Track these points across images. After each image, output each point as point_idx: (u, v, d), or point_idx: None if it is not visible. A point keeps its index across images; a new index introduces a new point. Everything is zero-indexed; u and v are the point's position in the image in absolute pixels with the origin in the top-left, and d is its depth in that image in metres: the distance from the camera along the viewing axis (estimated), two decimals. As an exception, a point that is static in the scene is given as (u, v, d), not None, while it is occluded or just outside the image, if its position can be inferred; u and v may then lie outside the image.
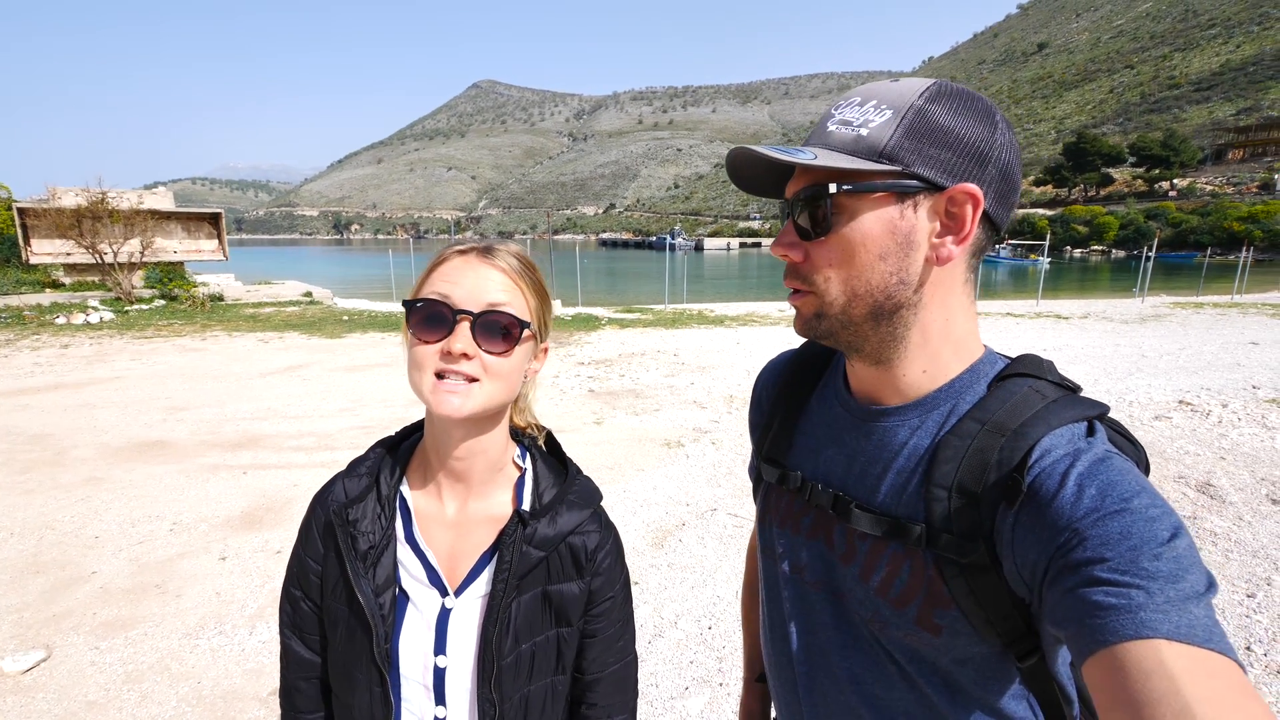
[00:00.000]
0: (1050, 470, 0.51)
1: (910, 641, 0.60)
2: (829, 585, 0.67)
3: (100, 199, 15.56)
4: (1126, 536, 0.45)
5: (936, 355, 0.61)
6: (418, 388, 0.70)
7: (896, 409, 0.63)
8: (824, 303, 0.59)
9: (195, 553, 3.41)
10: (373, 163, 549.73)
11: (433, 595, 0.74)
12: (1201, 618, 0.42)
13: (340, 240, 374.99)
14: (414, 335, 0.70)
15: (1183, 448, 4.61)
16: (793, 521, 0.71)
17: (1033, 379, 0.58)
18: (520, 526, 0.73)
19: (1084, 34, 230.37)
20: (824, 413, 0.71)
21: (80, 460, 4.81)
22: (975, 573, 0.55)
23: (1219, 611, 2.69)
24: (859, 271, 0.57)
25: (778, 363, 0.82)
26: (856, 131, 0.56)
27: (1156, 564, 0.44)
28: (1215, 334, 11.13)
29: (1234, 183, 73.94)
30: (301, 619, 0.77)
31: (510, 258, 0.73)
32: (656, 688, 2.37)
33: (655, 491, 4.22)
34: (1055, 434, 0.54)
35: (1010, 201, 0.59)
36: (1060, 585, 0.47)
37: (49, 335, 10.76)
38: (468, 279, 0.70)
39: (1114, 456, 0.52)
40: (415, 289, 0.72)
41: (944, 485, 0.57)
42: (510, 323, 0.71)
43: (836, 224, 0.57)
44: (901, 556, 0.59)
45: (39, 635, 2.68)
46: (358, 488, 0.75)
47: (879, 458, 0.63)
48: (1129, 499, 0.47)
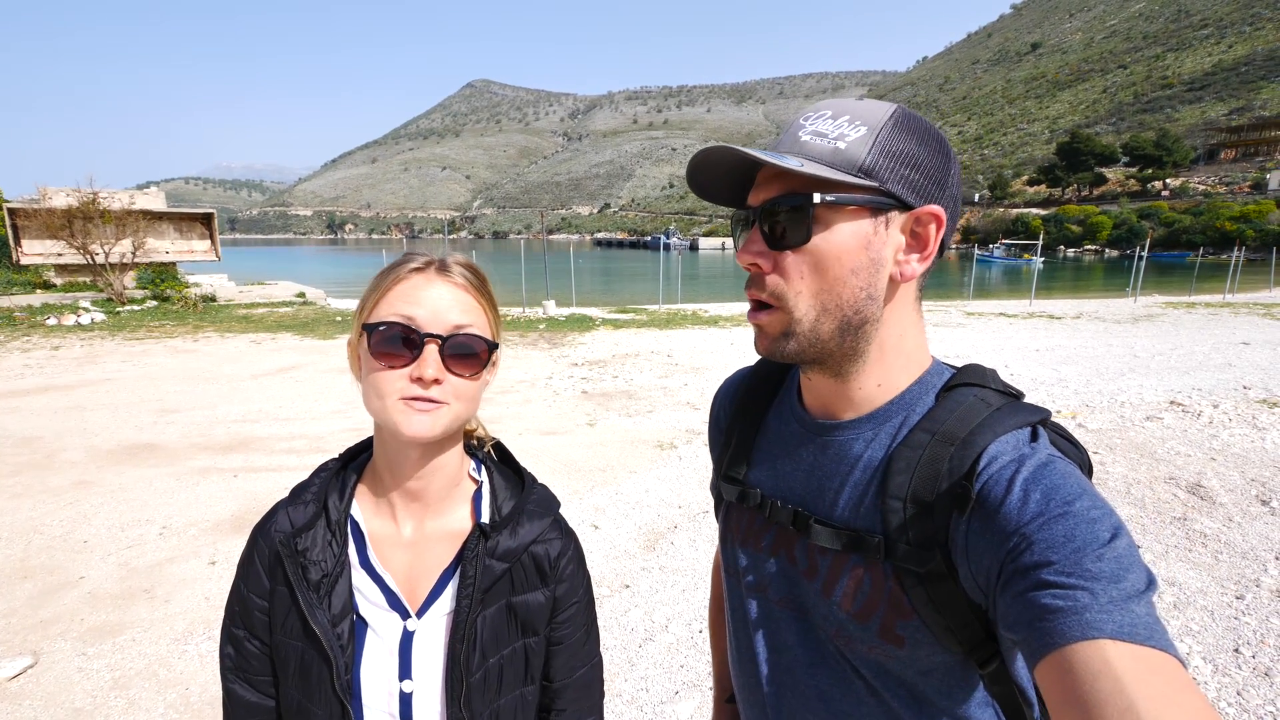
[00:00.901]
0: (997, 476, 0.53)
1: (875, 655, 0.60)
2: (793, 602, 0.67)
3: (91, 199, 15.44)
4: (1070, 539, 0.47)
5: (890, 368, 0.62)
6: (379, 412, 0.67)
7: (851, 422, 0.63)
8: (793, 319, 0.59)
9: (185, 557, 3.39)
10: (367, 162, 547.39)
11: (393, 619, 0.72)
12: (1143, 616, 0.43)
13: (334, 240, 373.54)
14: (375, 359, 0.67)
15: (1174, 448, 4.64)
16: (754, 539, 0.71)
17: (978, 388, 0.60)
18: (482, 540, 0.72)
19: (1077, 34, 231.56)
20: (780, 429, 0.71)
21: (70, 463, 4.78)
22: (933, 581, 0.56)
23: (1208, 613, 2.71)
24: (830, 285, 0.57)
25: (733, 380, 0.82)
26: (834, 144, 0.56)
27: (1099, 565, 0.45)
28: (1207, 334, 11.21)
29: (1226, 182, 74.44)
30: (246, 660, 0.73)
31: (466, 272, 0.72)
32: (647, 692, 2.36)
33: (648, 494, 4.22)
34: (1001, 440, 0.55)
35: (954, 228, 0.62)
36: (1011, 590, 0.48)
37: (39, 336, 10.68)
38: (429, 298, 0.68)
39: (1056, 460, 0.53)
40: (368, 308, 0.69)
41: (899, 496, 0.57)
42: (478, 344, 0.70)
43: (810, 236, 0.57)
44: (862, 569, 0.60)
45: (26, 641, 2.66)
46: (304, 515, 0.72)
47: (836, 471, 0.63)
48: (1071, 502, 0.49)
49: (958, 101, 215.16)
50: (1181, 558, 3.16)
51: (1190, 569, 3.05)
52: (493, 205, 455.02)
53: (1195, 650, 2.48)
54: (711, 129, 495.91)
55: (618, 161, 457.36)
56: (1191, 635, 2.57)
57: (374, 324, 0.67)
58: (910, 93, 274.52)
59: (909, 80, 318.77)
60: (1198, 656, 2.44)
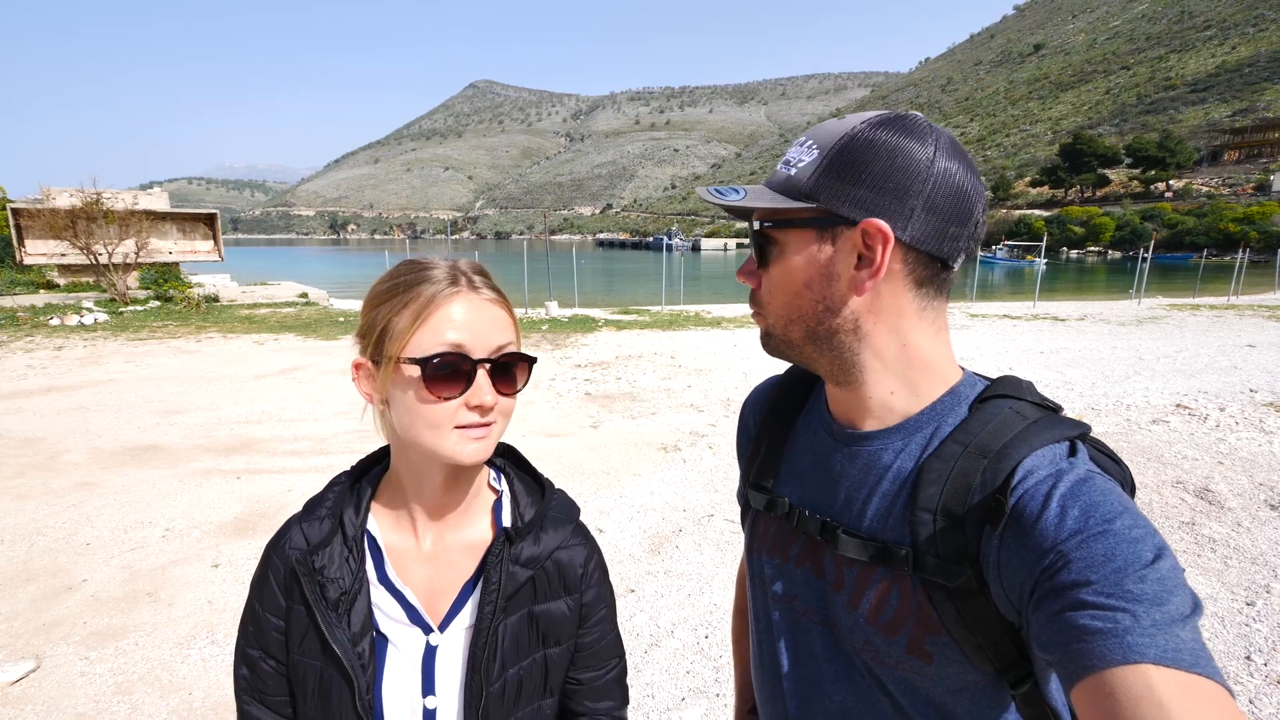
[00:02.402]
0: (1033, 492, 0.51)
1: (903, 671, 0.59)
2: (821, 614, 0.66)
3: (95, 199, 15.48)
4: (1111, 559, 0.45)
5: (903, 377, 0.61)
6: (431, 443, 0.65)
7: (880, 432, 0.63)
8: (769, 324, 0.66)
9: (188, 560, 3.38)
10: (370, 163, 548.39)
11: (415, 634, 0.70)
12: (1188, 641, 0.42)
13: (337, 240, 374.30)
14: (430, 391, 0.64)
15: (1180, 452, 4.61)
16: (781, 549, 0.71)
17: (1013, 400, 0.59)
18: (507, 545, 0.72)
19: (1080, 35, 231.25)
20: (809, 438, 0.71)
21: (73, 465, 4.77)
22: (963, 597, 0.54)
23: (1219, 620, 2.68)
24: (789, 299, 0.62)
25: (763, 388, 0.83)
26: (789, 171, 0.61)
27: (1141, 586, 0.44)
28: (1212, 336, 11.17)
29: (1230, 184, 74.23)
30: (262, 681, 0.71)
31: (492, 283, 0.71)
32: (653, 699, 2.34)
33: (652, 497, 4.20)
34: (1037, 454, 0.54)
35: (957, 232, 0.57)
36: (1046, 609, 0.47)
37: (43, 337, 10.70)
38: (471, 322, 0.66)
39: (1096, 476, 0.51)
40: (403, 335, 0.64)
41: (929, 508, 0.56)
42: (520, 360, 0.70)
43: (773, 256, 0.63)
44: (889, 582, 0.59)
45: (29, 645, 2.65)
46: (320, 532, 0.70)
47: (864, 482, 0.63)
48: (1111, 520, 0.47)
49: (960, 102, 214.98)
50: (1190, 563, 3.13)
51: (1200, 575, 3.02)
52: (495, 206, 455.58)
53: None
54: (714, 130, 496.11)
55: (620, 162, 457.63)
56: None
57: (426, 357, 0.64)
58: (913, 94, 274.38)
59: (911, 81, 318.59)
60: (1209, 665, 2.41)
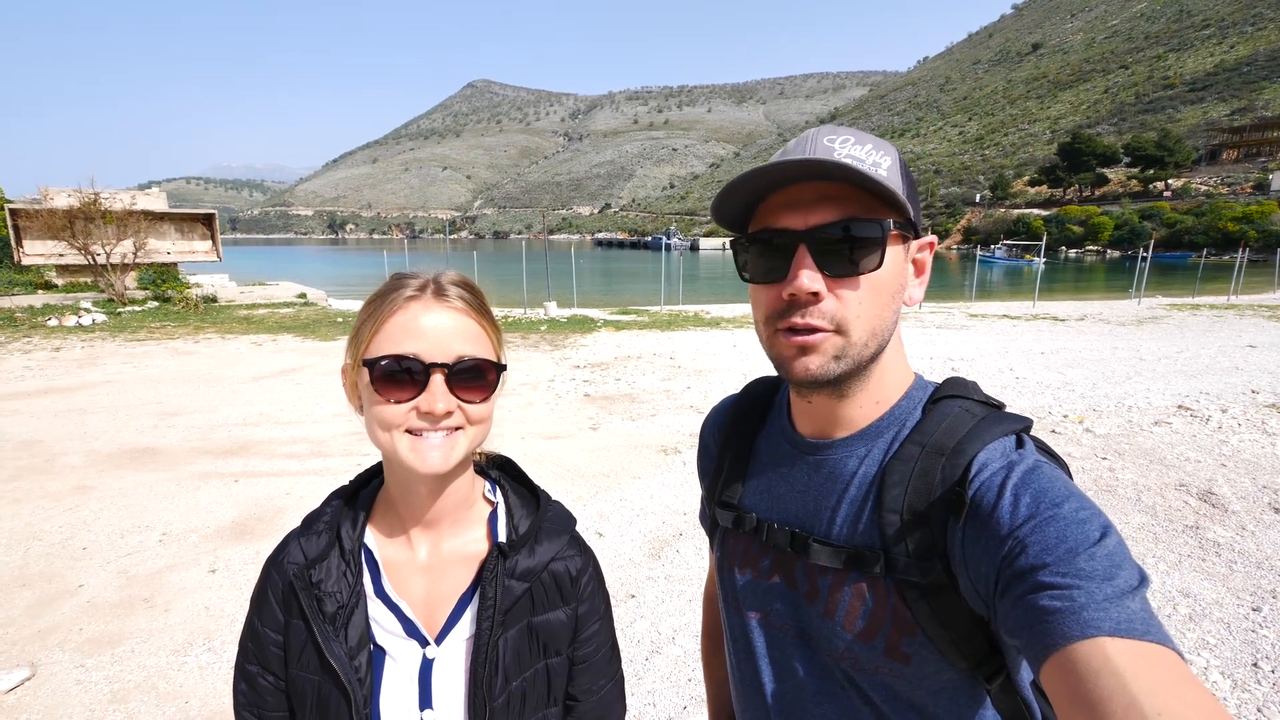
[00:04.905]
0: (989, 483, 0.54)
1: (883, 675, 0.60)
2: (796, 627, 0.66)
3: (93, 200, 15.42)
4: (1062, 540, 0.48)
5: (885, 386, 0.64)
6: (388, 447, 0.66)
7: (844, 440, 0.64)
8: (848, 343, 0.58)
9: (185, 565, 3.35)
10: (368, 162, 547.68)
11: (412, 647, 0.70)
12: (1138, 611, 0.44)
13: (335, 240, 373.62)
14: (379, 394, 0.64)
15: (1183, 454, 4.59)
16: (752, 564, 0.70)
17: (961, 399, 0.62)
18: (500, 560, 0.71)
19: (1078, 34, 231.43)
20: (771, 452, 0.71)
21: (70, 468, 4.74)
22: (936, 593, 0.57)
23: (1224, 626, 2.66)
24: (880, 311, 0.59)
25: (722, 407, 0.83)
26: (877, 171, 0.56)
27: (1092, 564, 0.46)
28: (1212, 336, 11.16)
29: (1229, 183, 74.26)
30: (261, 697, 0.71)
31: (464, 292, 0.69)
32: (654, 707, 2.32)
33: (652, 500, 4.17)
34: (989, 449, 0.57)
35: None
36: (1010, 594, 0.49)
37: (40, 338, 10.65)
38: (430, 327, 0.65)
39: (1043, 465, 0.55)
40: (365, 339, 0.66)
41: (895, 509, 0.58)
42: (486, 368, 0.68)
43: (870, 261, 0.57)
44: (863, 587, 0.60)
45: (24, 652, 2.62)
46: (317, 546, 0.70)
47: (831, 490, 0.64)
48: (1060, 504, 0.50)
49: (958, 102, 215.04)
50: (1195, 568, 3.11)
51: (1204, 579, 3.00)
52: (493, 205, 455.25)
53: (1213, 665, 2.43)
54: (712, 129, 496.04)
55: (618, 162, 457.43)
56: (1208, 649, 2.52)
57: (374, 359, 0.64)
58: (911, 93, 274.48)
59: (910, 80, 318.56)
60: (1215, 671, 2.39)
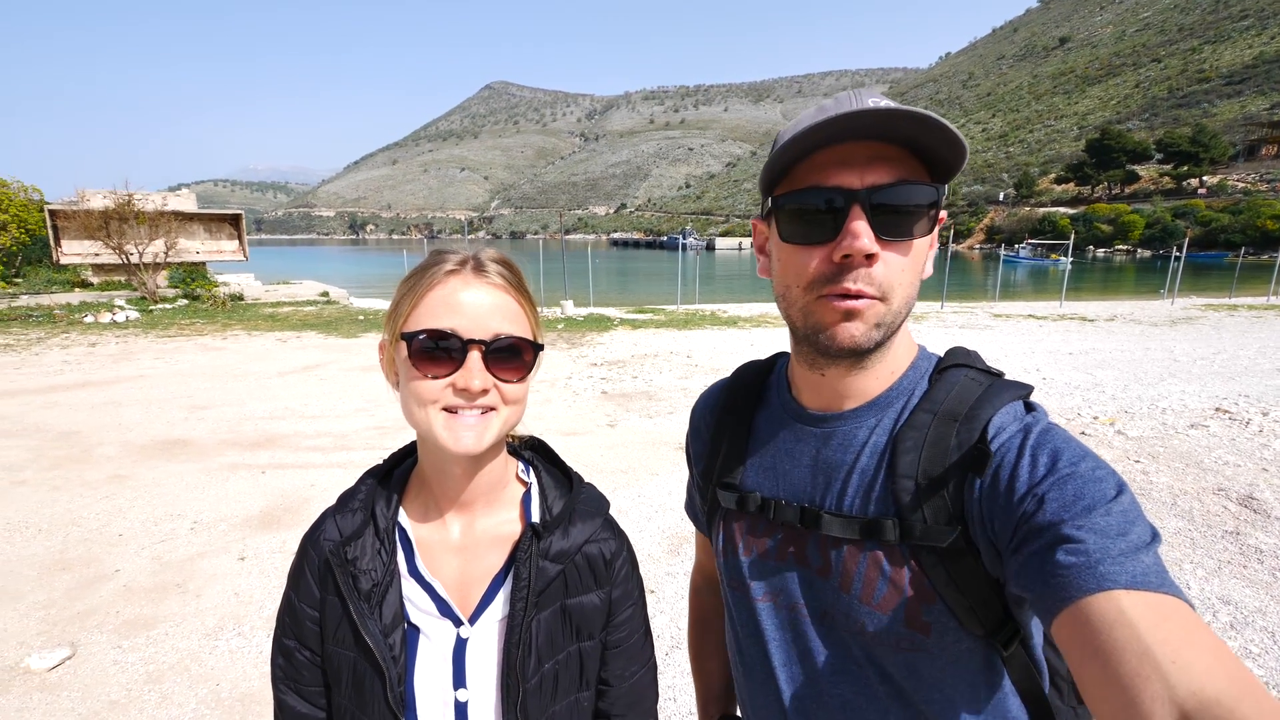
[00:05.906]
0: (1008, 444, 0.55)
1: (904, 649, 0.59)
2: (811, 604, 0.64)
3: (127, 201, 15.93)
4: (1080, 497, 0.49)
5: (897, 356, 0.64)
6: (423, 424, 0.65)
7: (854, 411, 0.64)
8: (888, 310, 0.57)
9: (215, 552, 3.44)
10: (388, 164, 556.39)
11: (446, 626, 0.70)
12: (1151, 565, 0.45)
13: (356, 240, 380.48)
14: (416, 369, 0.64)
15: (1221, 458, 4.43)
16: (759, 544, 0.69)
17: (967, 368, 0.63)
18: (534, 541, 0.71)
19: (1108, 27, 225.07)
20: (772, 430, 0.70)
21: (106, 458, 4.90)
22: (953, 558, 0.56)
23: (1269, 635, 2.56)
24: (914, 279, 0.58)
25: (714, 390, 0.82)
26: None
27: (1107, 520, 0.47)
28: (1251, 338, 10.77)
29: (1268, 179, 71.51)
30: (298, 671, 0.72)
31: (504, 269, 0.69)
32: (675, 702, 2.32)
33: (670, 496, 4.17)
34: (1002, 413, 0.58)
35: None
36: (1027, 548, 0.50)
37: (78, 334, 11.03)
38: (469, 303, 0.65)
39: (1056, 427, 0.56)
40: (404, 314, 0.66)
41: (909, 475, 0.58)
42: (524, 346, 0.68)
43: (918, 228, 0.56)
44: (880, 556, 0.59)
45: (64, 633, 2.72)
46: (352, 524, 0.71)
47: (842, 461, 0.63)
48: (1076, 463, 0.51)
49: (982, 98, 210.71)
50: (1236, 574, 3.00)
51: (1246, 587, 2.90)
52: (510, 206, 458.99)
53: (1256, 675, 2.34)
54: (728, 128, 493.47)
55: (634, 162, 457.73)
56: (1251, 658, 2.43)
57: (412, 333, 0.64)
58: (932, 89, 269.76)
59: (931, 77, 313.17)
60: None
